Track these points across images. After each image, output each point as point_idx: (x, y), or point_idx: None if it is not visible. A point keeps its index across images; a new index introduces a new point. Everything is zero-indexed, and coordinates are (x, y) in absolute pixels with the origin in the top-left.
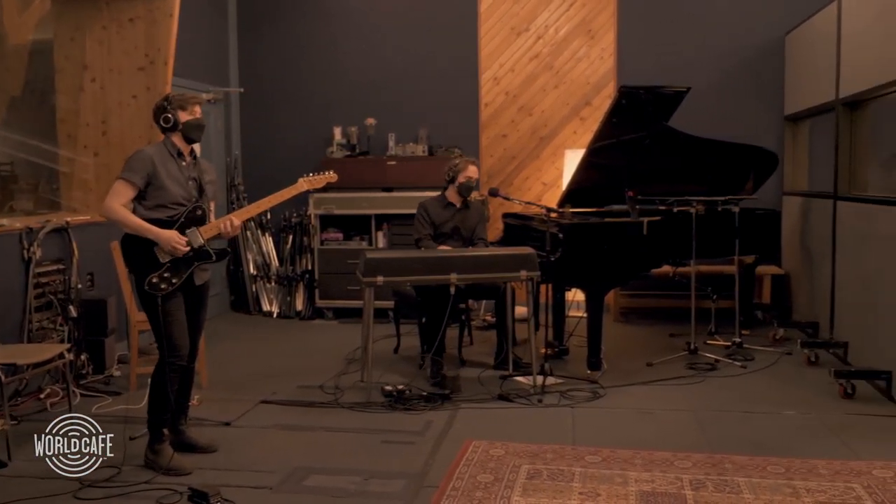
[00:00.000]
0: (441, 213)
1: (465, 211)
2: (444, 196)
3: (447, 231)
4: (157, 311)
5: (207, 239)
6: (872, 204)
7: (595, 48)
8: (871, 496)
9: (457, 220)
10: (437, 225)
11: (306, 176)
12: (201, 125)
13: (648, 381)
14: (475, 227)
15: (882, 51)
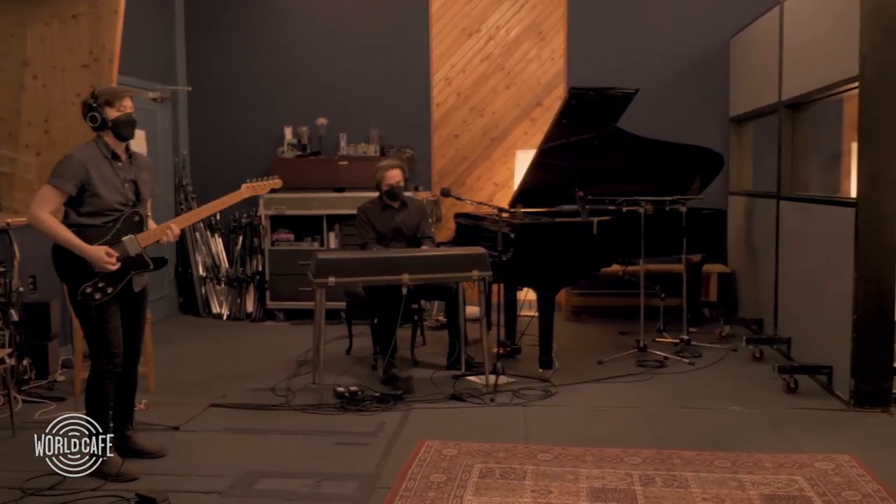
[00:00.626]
0: (380, 215)
1: (404, 210)
2: (382, 198)
3: (389, 233)
4: (91, 319)
5: (145, 246)
6: (813, 203)
7: (545, 49)
8: (813, 487)
9: (398, 221)
10: (379, 228)
11: (250, 181)
12: (132, 120)
13: (599, 378)
14: (418, 225)
15: (822, 54)
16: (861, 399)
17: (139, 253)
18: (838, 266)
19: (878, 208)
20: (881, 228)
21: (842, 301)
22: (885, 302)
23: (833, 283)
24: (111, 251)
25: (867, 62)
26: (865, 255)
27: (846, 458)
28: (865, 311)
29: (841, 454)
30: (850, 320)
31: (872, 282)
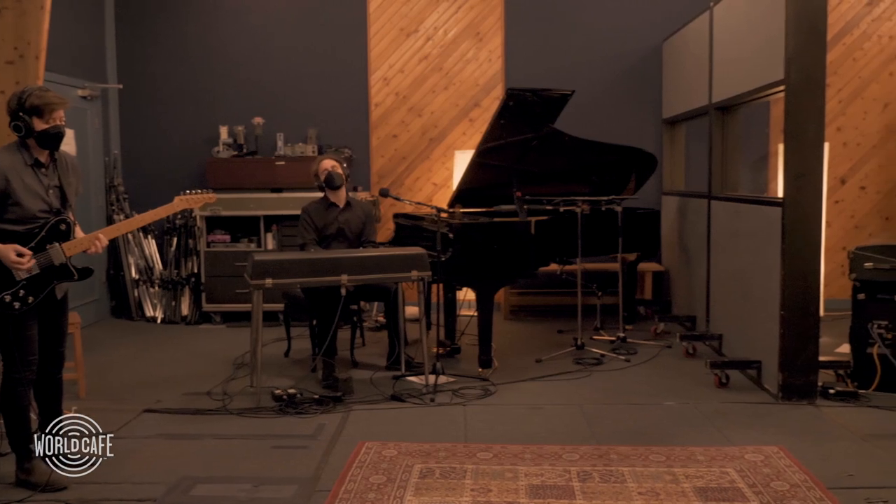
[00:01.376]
0: (324, 215)
1: (349, 211)
2: (326, 198)
3: (332, 233)
4: (7, 326)
5: (70, 256)
6: (742, 203)
7: (483, 50)
8: (744, 479)
9: (341, 221)
10: (321, 228)
11: (184, 193)
12: (61, 134)
13: (538, 377)
14: (362, 227)
15: (750, 58)
16: (789, 392)
17: (63, 263)
18: (766, 264)
19: (804, 207)
20: (806, 227)
21: (770, 297)
22: (810, 298)
23: (762, 280)
24: (22, 250)
25: (792, 66)
26: (792, 252)
27: (775, 450)
28: (792, 306)
29: (770, 446)
30: (778, 316)
31: (799, 278)
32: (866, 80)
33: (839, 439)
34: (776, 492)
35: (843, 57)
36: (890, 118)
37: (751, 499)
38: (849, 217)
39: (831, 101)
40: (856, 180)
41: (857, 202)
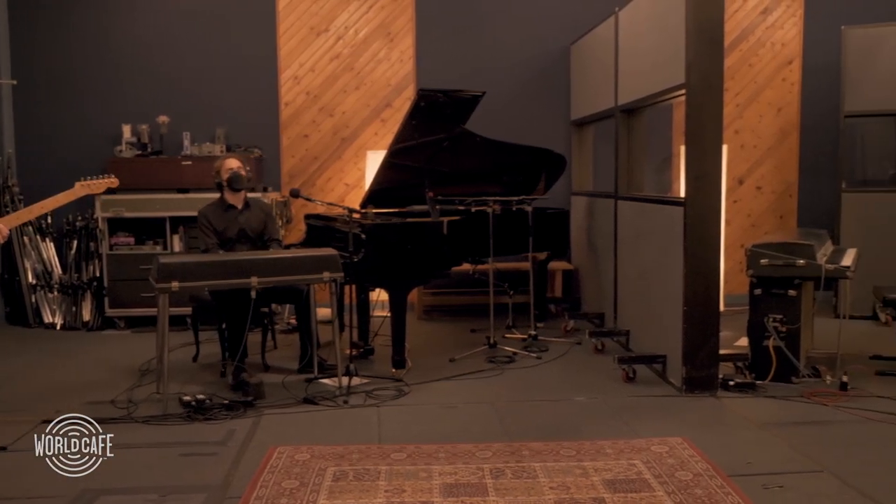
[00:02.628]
0: (222, 217)
1: (247, 211)
2: (223, 199)
3: (233, 235)
4: None
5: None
6: (647, 203)
7: (395, 51)
8: (650, 470)
9: (241, 222)
10: (221, 230)
11: (84, 179)
12: None
13: (451, 376)
14: (263, 226)
15: (653, 62)
16: (692, 385)
17: None
18: (670, 261)
19: (704, 207)
20: (707, 226)
21: (673, 294)
22: (711, 293)
23: (665, 277)
24: None
25: (692, 71)
26: (693, 250)
27: (679, 441)
28: (694, 302)
29: (674, 437)
30: (681, 312)
31: (700, 275)
32: (761, 85)
33: (739, 429)
34: (680, 481)
35: (740, 63)
36: (783, 122)
37: (656, 489)
38: (746, 216)
39: (729, 104)
40: (752, 181)
41: (754, 202)
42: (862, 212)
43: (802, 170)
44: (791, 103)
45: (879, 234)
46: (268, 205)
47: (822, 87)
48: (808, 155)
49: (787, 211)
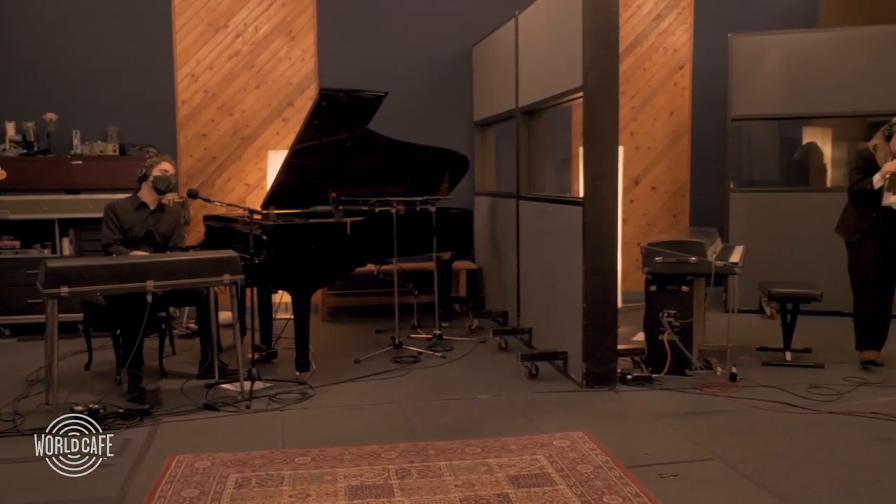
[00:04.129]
0: (132, 215)
1: (159, 214)
2: (137, 197)
3: (139, 235)
4: None
5: None
6: (547, 203)
7: (296, 49)
8: (553, 464)
9: (150, 224)
10: (128, 229)
11: None
12: None
13: (356, 377)
14: (171, 232)
15: (552, 65)
16: (592, 380)
17: None
18: (569, 260)
19: (601, 207)
20: (604, 225)
21: (573, 291)
22: (609, 291)
23: (566, 276)
24: None
25: (589, 74)
26: (592, 249)
27: (580, 435)
28: (593, 299)
29: (575, 431)
30: (581, 309)
31: (598, 273)
32: (655, 88)
33: (636, 421)
34: (581, 474)
35: (635, 67)
36: (675, 124)
37: (559, 482)
38: (642, 215)
39: (625, 107)
40: (648, 181)
41: (649, 201)
42: (749, 210)
43: (694, 170)
44: (683, 107)
45: (765, 232)
46: (179, 212)
47: (711, 92)
48: (699, 156)
49: (680, 210)
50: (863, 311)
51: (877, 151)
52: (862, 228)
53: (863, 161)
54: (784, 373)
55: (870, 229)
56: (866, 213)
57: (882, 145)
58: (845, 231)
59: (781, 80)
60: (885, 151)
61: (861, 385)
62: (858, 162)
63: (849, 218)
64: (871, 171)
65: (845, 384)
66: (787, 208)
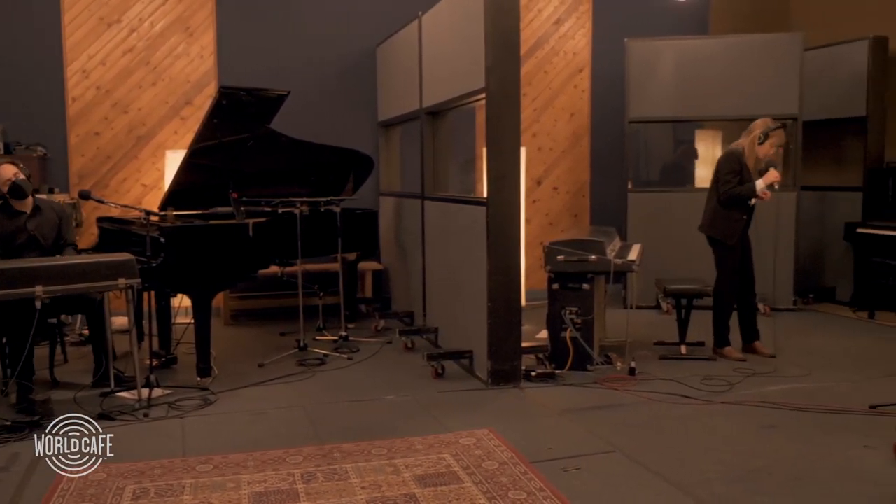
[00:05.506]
0: (7, 223)
1: (39, 216)
2: (9, 204)
3: (23, 241)
4: None
5: None
6: (452, 203)
7: (194, 46)
8: (459, 462)
9: (31, 228)
10: (7, 238)
11: None
12: None
13: (260, 381)
14: (57, 232)
15: (455, 66)
16: (497, 378)
17: None
18: (474, 259)
19: (505, 207)
20: (507, 224)
21: (478, 290)
22: (513, 290)
23: (470, 275)
24: None
25: (491, 76)
26: (495, 248)
27: (485, 432)
28: (497, 298)
29: (481, 429)
30: (486, 307)
31: (502, 272)
32: (556, 91)
33: (540, 417)
34: (487, 471)
35: (536, 69)
36: (576, 126)
37: (465, 480)
38: (544, 215)
39: (527, 109)
40: (550, 181)
41: (552, 201)
42: (646, 210)
43: (594, 171)
44: (582, 109)
45: (661, 231)
46: (61, 206)
47: (609, 94)
48: (599, 157)
49: (581, 210)
50: (728, 311)
51: (748, 155)
52: (736, 232)
53: (738, 164)
54: (680, 366)
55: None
56: (738, 216)
57: (752, 148)
58: (722, 234)
59: (675, 84)
60: (754, 155)
61: (750, 375)
62: (734, 165)
63: (723, 221)
64: (744, 174)
65: (736, 375)
66: (681, 207)
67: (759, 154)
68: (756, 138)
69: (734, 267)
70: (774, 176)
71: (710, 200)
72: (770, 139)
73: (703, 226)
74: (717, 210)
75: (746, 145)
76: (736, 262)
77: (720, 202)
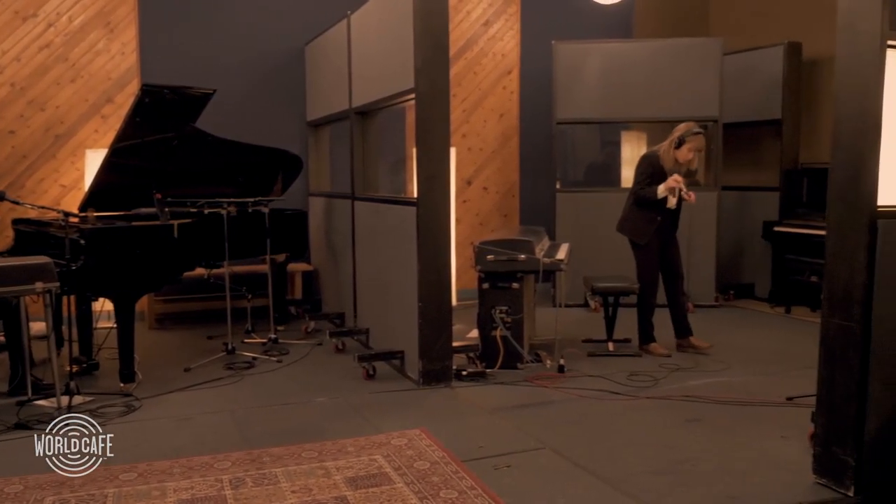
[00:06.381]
0: None
1: None
2: None
3: None
4: None
5: None
6: (382, 203)
7: (115, 42)
8: (390, 463)
9: None
10: None
11: None
12: None
13: (186, 386)
14: None
15: (384, 67)
16: (428, 377)
17: None
18: (405, 259)
19: (435, 207)
20: (438, 225)
21: (409, 291)
22: (443, 289)
23: (401, 275)
24: None
25: (421, 76)
26: (426, 248)
27: (417, 433)
28: (428, 298)
29: (413, 429)
30: (417, 308)
31: (433, 272)
32: (485, 92)
33: (471, 416)
34: (418, 471)
35: (466, 70)
36: (505, 126)
37: (396, 481)
38: (475, 215)
39: (456, 110)
40: (479, 182)
41: (482, 201)
42: (574, 209)
43: (523, 172)
44: (511, 110)
45: (588, 230)
46: None
47: (538, 96)
48: (528, 158)
49: (511, 210)
50: (650, 309)
51: (664, 158)
52: (648, 232)
53: (651, 167)
54: (607, 362)
55: (655, 231)
56: (652, 217)
57: (669, 152)
58: (633, 233)
59: (601, 86)
60: (671, 158)
61: (675, 370)
62: (647, 168)
63: (635, 220)
64: (656, 176)
65: (661, 370)
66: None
67: (677, 158)
68: (673, 142)
69: (650, 266)
70: (673, 182)
71: (628, 200)
72: (687, 144)
73: (618, 224)
74: (631, 210)
75: (664, 149)
76: (651, 262)
77: (634, 202)
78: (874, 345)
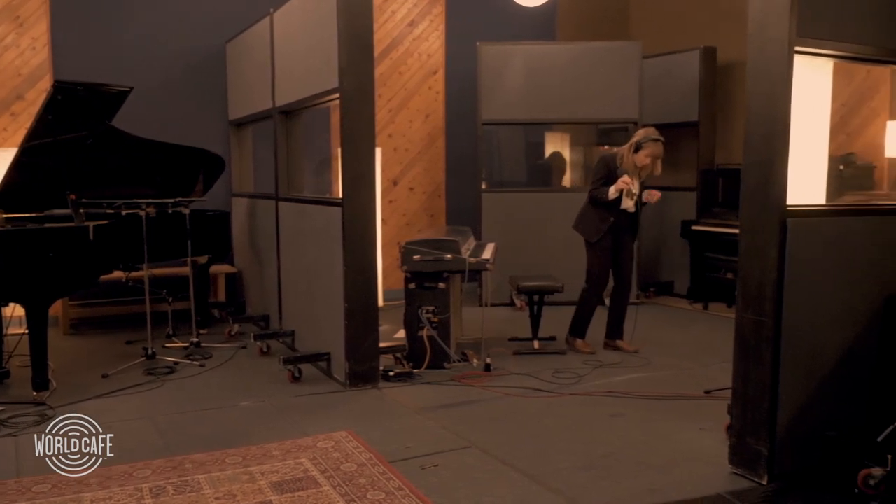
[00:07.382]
0: None
1: None
2: None
3: None
4: None
5: None
6: (307, 203)
7: (25, 37)
8: (317, 466)
9: None
10: None
11: None
12: None
13: (104, 393)
14: None
15: (309, 66)
16: (355, 379)
17: None
18: (330, 260)
19: (361, 207)
20: (363, 225)
21: (334, 292)
22: (370, 290)
23: (327, 276)
24: None
25: (345, 76)
26: (352, 249)
27: (344, 434)
28: (354, 299)
29: (339, 431)
30: (343, 309)
31: (359, 272)
32: (411, 92)
33: (399, 416)
34: (345, 473)
35: (391, 70)
36: (431, 127)
37: (323, 484)
38: (401, 215)
39: (382, 110)
40: (406, 182)
41: (408, 201)
42: (499, 209)
43: (449, 172)
44: (437, 110)
45: (513, 230)
46: None
47: (463, 96)
48: (454, 158)
49: (438, 210)
50: (591, 306)
51: (622, 160)
52: (601, 230)
53: (606, 168)
54: (533, 360)
55: (608, 230)
56: (605, 216)
57: (628, 155)
58: (586, 231)
59: (524, 88)
60: (630, 162)
61: (598, 367)
62: (602, 169)
63: (589, 219)
64: (612, 178)
65: (585, 367)
66: (532, 207)
67: (635, 162)
68: (632, 147)
69: (600, 265)
70: (622, 183)
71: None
72: (644, 149)
73: (574, 223)
74: (586, 208)
75: (623, 152)
76: (601, 261)
77: (588, 201)
78: (785, 339)
